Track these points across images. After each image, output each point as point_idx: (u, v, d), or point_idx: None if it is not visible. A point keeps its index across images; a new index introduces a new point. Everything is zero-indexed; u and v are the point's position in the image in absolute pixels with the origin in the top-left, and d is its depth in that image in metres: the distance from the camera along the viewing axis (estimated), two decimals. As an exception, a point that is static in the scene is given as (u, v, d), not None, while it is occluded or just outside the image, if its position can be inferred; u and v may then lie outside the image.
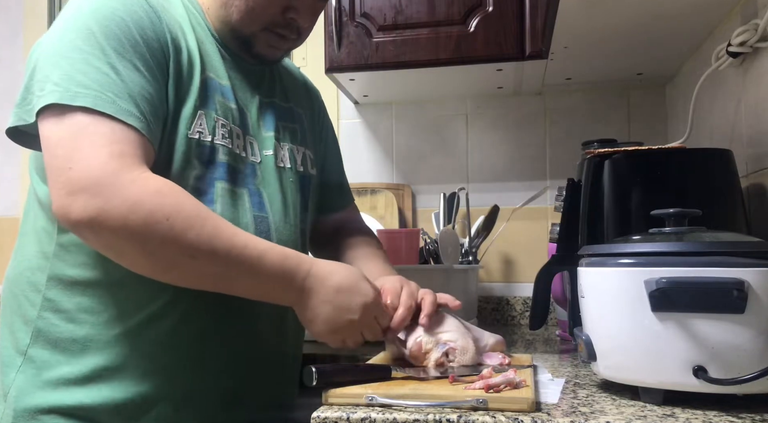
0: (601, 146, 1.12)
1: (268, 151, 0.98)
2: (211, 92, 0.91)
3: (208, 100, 0.90)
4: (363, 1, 1.52)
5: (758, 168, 1.08)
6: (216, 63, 0.94)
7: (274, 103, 1.03)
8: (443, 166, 1.83)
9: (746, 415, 0.65)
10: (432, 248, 1.62)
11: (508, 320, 1.75)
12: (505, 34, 1.45)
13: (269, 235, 0.94)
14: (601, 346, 0.76)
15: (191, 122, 0.87)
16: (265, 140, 0.99)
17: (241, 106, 0.96)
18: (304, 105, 1.13)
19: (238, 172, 0.92)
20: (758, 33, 1.04)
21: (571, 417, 0.66)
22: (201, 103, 0.89)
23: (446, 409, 0.68)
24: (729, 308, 0.66)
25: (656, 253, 0.71)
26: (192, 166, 0.87)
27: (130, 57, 0.82)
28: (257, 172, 0.96)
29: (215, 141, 0.89)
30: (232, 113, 0.93)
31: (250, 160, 0.95)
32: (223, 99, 0.92)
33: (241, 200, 0.92)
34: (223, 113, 0.91)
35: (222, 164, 0.90)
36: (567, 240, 1.03)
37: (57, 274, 0.86)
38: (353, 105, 1.89)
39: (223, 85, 0.93)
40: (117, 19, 0.82)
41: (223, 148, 0.90)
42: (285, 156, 1.01)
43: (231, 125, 0.92)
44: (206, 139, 0.88)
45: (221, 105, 0.92)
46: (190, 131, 0.87)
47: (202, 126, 0.88)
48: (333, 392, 0.74)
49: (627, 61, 1.49)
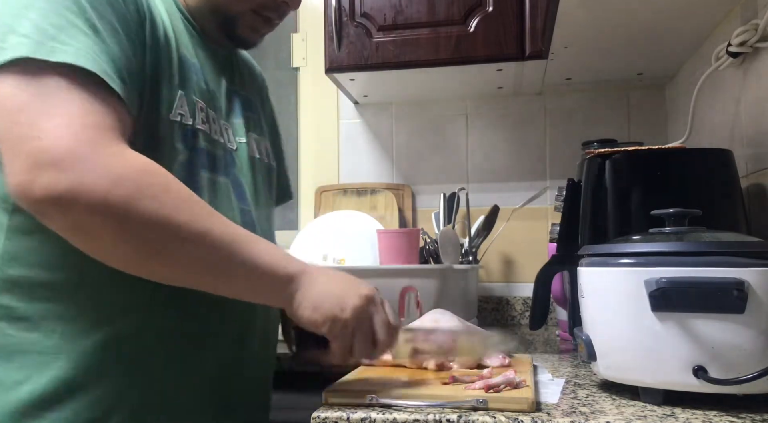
0: (601, 146, 1.12)
1: (241, 139, 0.92)
2: (188, 71, 0.83)
3: (187, 80, 0.82)
4: (363, 1, 1.52)
5: (758, 168, 1.07)
6: (186, 40, 0.86)
7: (237, 91, 0.96)
8: (443, 166, 1.83)
9: (746, 415, 0.65)
10: (432, 248, 1.62)
11: (508, 320, 1.75)
12: (505, 34, 1.45)
13: (254, 229, 0.87)
14: (601, 346, 0.76)
15: (172, 103, 0.79)
16: (236, 127, 0.92)
17: (212, 89, 0.88)
18: (256, 94, 1.05)
19: (218, 159, 0.85)
20: (758, 33, 1.04)
21: (571, 417, 0.66)
22: (181, 83, 0.80)
23: (446, 409, 0.68)
24: (729, 308, 0.66)
25: (656, 253, 0.71)
26: (177, 150, 0.79)
27: (110, 17, 0.71)
28: (235, 160, 0.89)
29: (196, 125, 0.81)
30: (206, 95, 0.85)
31: (228, 147, 0.88)
32: (198, 79, 0.84)
33: (226, 190, 0.85)
34: (200, 95, 0.84)
35: (203, 151, 0.82)
36: (567, 240, 1.03)
37: (10, 276, 0.73)
38: (353, 105, 1.89)
39: (196, 64, 0.86)
40: None
41: (203, 134, 0.82)
42: (254, 146, 0.95)
43: (207, 109, 0.85)
44: (188, 122, 0.80)
45: (197, 86, 0.84)
46: (171, 113, 0.78)
47: (184, 108, 0.80)
48: (333, 392, 0.74)
49: (627, 61, 1.49)
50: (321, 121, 1.92)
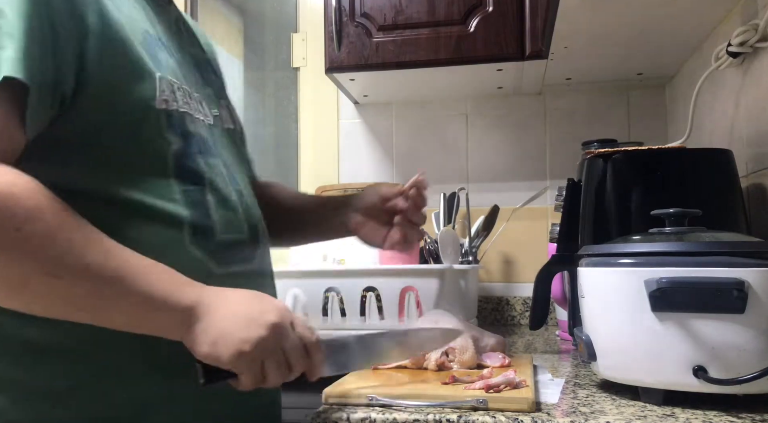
0: (601, 146, 1.12)
1: (214, 111, 0.85)
2: (153, 50, 0.74)
3: (155, 60, 0.73)
4: (363, 1, 1.52)
5: (758, 168, 1.07)
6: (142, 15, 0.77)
7: (197, 56, 0.88)
8: (443, 166, 1.83)
9: (746, 415, 0.65)
10: (432, 248, 1.62)
11: (508, 320, 1.75)
12: (505, 34, 1.45)
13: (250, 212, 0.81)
14: (601, 346, 0.76)
15: (154, 89, 0.71)
16: (209, 98, 0.85)
17: (179, 60, 0.80)
18: (210, 51, 0.97)
19: (205, 140, 0.78)
20: (758, 33, 1.04)
21: (571, 417, 0.66)
22: (155, 65, 0.72)
23: (446, 409, 0.68)
24: (729, 308, 0.66)
25: (656, 253, 0.71)
26: (168, 141, 0.72)
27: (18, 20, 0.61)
28: (215, 136, 0.82)
29: (180, 108, 0.74)
30: (177, 71, 0.77)
31: (207, 123, 0.80)
32: (165, 55, 0.76)
33: (220, 174, 0.78)
34: (172, 73, 0.75)
35: (193, 135, 0.76)
36: (567, 240, 1.03)
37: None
38: (353, 105, 1.89)
39: (158, 37, 0.77)
40: None
41: (188, 116, 0.76)
42: (225, 115, 0.88)
43: (182, 85, 0.77)
44: (173, 107, 0.73)
45: (167, 63, 0.75)
46: (155, 101, 0.71)
47: (165, 93, 0.72)
48: (333, 392, 0.74)
49: (627, 61, 1.49)
50: (321, 121, 1.92)
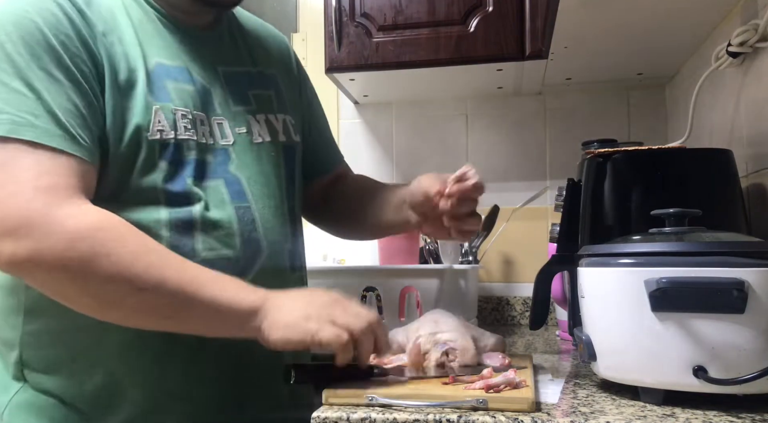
0: (601, 146, 1.12)
1: (241, 129, 0.90)
2: (161, 81, 0.82)
3: (161, 91, 0.81)
4: (363, 1, 1.52)
5: (758, 168, 1.07)
6: (162, 43, 0.84)
7: (239, 72, 0.94)
8: (443, 166, 1.82)
9: (746, 415, 0.65)
10: (432, 248, 1.62)
11: (508, 320, 1.75)
12: (505, 34, 1.45)
13: (254, 225, 0.87)
14: (601, 346, 0.76)
15: (148, 122, 0.79)
16: (236, 116, 0.90)
17: (202, 84, 0.87)
18: (275, 64, 1.02)
19: (209, 163, 0.85)
20: (758, 33, 1.04)
21: (571, 417, 0.66)
22: (153, 97, 0.80)
23: (446, 409, 0.68)
24: (729, 308, 0.66)
25: (656, 253, 0.71)
26: (158, 169, 0.80)
27: (45, 65, 0.73)
28: (231, 157, 0.88)
29: (179, 136, 0.81)
30: (190, 97, 0.84)
31: (221, 146, 0.87)
32: (178, 84, 0.83)
33: (217, 194, 0.84)
34: (180, 101, 0.83)
35: (191, 160, 0.82)
36: (567, 240, 1.03)
37: (33, 294, 0.79)
38: (353, 105, 1.89)
39: (176, 66, 0.84)
40: (27, 22, 0.74)
41: (189, 142, 0.82)
42: (263, 129, 0.93)
43: (192, 112, 0.84)
44: (169, 136, 0.80)
45: (177, 92, 0.83)
46: (149, 132, 0.79)
47: (162, 123, 0.80)
48: (333, 392, 0.73)
49: (627, 61, 1.49)
50: (321, 121, 1.92)
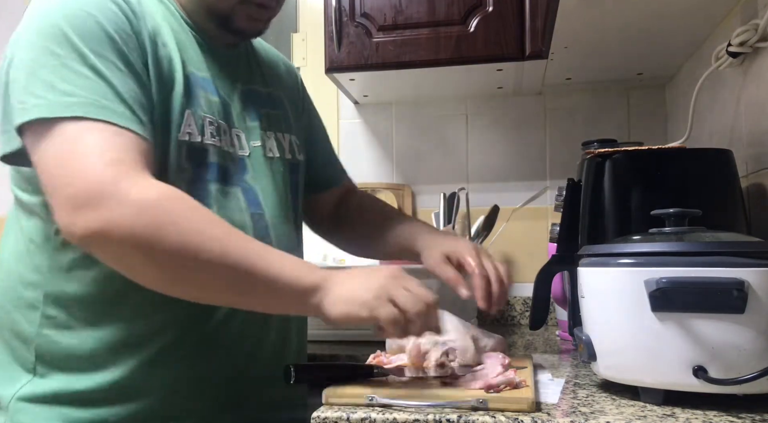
0: (601, 146, 1.12)
1: (255, 142, 0.95)
2: (194, 89, 0.87)
3: (193, 98, 0.86)
4: (363, 1, 1.52)
5: (758, 168, 1.07)
6: (194, 54, 0.90)
7: (255, 91, 0.99)
8: (443, 166, 1.83)
9: (746, 415, 0.65)
10: (432, 248, 1.62)
11: (508, 320, 1.75)
12: (505, 34, 1.45)
13: (267, 232, 0.91)
14: (601, 346, 0.76)
15: (180, 123, 0.84)
16: (251, 130, 0.95)
17: (224, 97, 0.92)
18: (283, 87, 1.08)
19: (229, 169, 0.89)
20: (758, 33, 1.04)
21: (571, 417, 0.66)
22: (187, 102, 0.85)
23: (446, 409, 0.68)
24: (729, 308, 0.66)
25: (656, 253, 0.71)
26: (184, 169, 0.84)
27: (110, 56, 0.77)
28: (247, 166, 0.92)
29: (205, 141, 0.86)
30: (216, 107, 0.89)
31: (239, 155, 0.92)
32: (206, 93, 0.89)
33: (235, 199, 0.89)
34: (208, 109, 0.88)
35: (213, 164, 0.87)
36: (567, 240, 1.03)
37: (54, 291, 0.83)
38: (353, 105, 1.89)
39: (205, 77, 0.90)
40: (88, 17, 0.78)
41: (213, 148, 0.87)
42: (273, 145, 0.98)
43: (217, 121, 0.89)
44: (196, 139, 0.85)
45: (206, 100, 0.88)
46: (179, 133, 0.83)
47: (191, 126, 0.85)
48: (333, 392, 0.74)
49: (627, 61, 1.49)
50: (321, 121, 1.92)
